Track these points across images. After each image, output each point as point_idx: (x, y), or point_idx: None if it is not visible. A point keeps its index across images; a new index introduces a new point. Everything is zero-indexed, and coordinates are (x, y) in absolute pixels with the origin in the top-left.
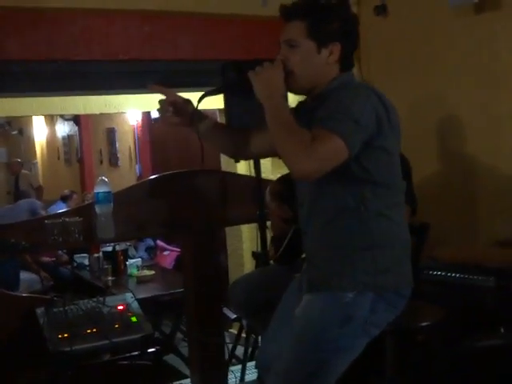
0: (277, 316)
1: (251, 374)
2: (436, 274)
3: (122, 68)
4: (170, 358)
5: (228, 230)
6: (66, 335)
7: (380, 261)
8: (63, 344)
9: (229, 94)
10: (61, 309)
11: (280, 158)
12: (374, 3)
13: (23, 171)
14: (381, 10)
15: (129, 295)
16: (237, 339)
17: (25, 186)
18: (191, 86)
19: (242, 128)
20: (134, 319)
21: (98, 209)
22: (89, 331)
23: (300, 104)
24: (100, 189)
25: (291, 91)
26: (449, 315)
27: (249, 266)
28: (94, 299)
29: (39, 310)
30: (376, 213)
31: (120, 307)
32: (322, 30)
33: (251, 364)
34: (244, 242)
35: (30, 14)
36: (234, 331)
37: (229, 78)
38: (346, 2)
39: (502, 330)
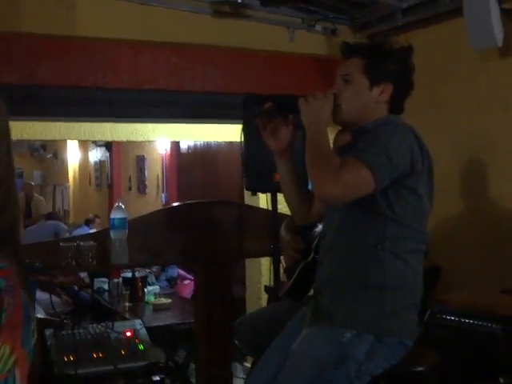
0: (273, 345)
1: None
2: (447, 319)
3: (150, 97)
4: None
5: (248, 262)
6: (71, 358)
7: (388, 303)
8: (68, 367)
9: (248, 127)
10: (69, 332)
11: None
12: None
13: (36, 195)
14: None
15: (138, 322)
16: (249, 373)
17: (34, 212)
18: (220, 118)
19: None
20: (140, 346)
21: (112, 234)
22: (95, 356)
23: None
24: (116, 215)
25: (335, 122)
26: (449, 361)
27: (266, 299)
28: (103, 324)
29: (48, 332)
30: (393, 254)
31: (128, 333)
32: (377, 68)
33: None
34: (263, 276)
35: (61, 41)
36: (249, 364)
37: (250, 110)
38: (409, 49)
39: (501, 380)
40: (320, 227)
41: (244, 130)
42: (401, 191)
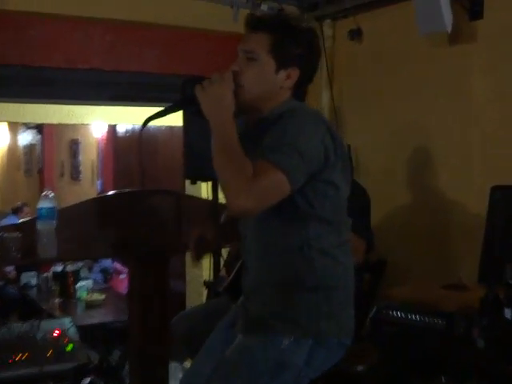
0: (205, 348)
1: None
2: (392, 315)
3: (84, 77)
4: None
5: (189, 255)
6: None
7: (323, 305)
8: None
9: (187, 111)
10: None
11: None
12: (349, 27)
13: None
14: (355, 34)
15: (67, 320)
16: (184, 375)
17: None
18: (155, 101)
19: None
20: (69, 347)
21: (39, 225)
22: (19, 357)
23: (244, 128)
24: (43, 204)
25: (236, 106)
26: (392, 359)
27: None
28: (29, 322)
29: None
30: (321, 252)
31: (55, 333)
32: (286, 50)
33: None
34: (204, 270)
35: None
36: (189, 364)
37: (186, 95)
38: (315, 32)
39: (443, 379)
40: None
41: (184, 114)
42: (317, 185)
